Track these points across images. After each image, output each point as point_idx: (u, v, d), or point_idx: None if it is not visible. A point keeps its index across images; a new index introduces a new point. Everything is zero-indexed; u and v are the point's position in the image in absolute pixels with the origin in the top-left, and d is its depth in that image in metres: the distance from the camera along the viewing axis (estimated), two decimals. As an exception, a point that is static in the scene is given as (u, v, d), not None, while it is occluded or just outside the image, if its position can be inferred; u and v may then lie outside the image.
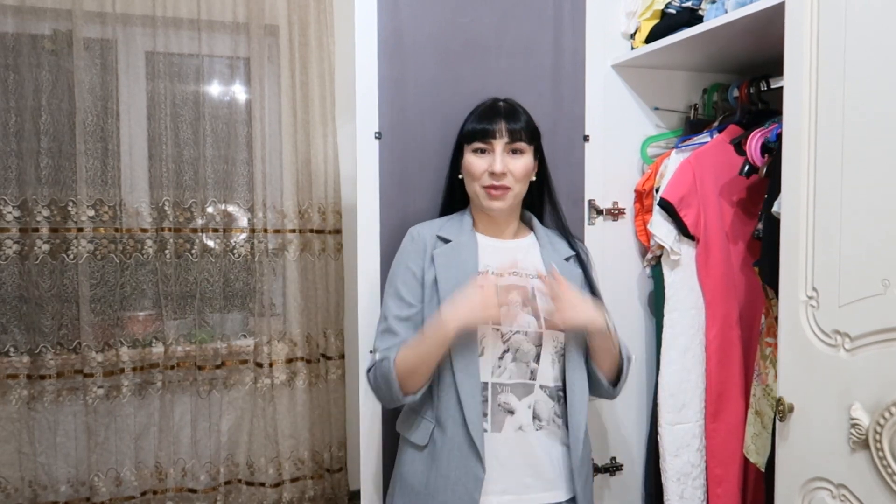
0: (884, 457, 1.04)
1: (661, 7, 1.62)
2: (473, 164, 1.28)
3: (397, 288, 1.28)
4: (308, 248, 2.28)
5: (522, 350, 1.24)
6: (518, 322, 1.25)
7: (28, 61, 2.02)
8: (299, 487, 2.32)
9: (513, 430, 1.23)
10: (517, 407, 1.24)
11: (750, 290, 1.60)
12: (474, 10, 1.53)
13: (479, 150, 1.28)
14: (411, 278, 1.27)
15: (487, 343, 1.22)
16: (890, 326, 1.02)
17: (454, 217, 1.36)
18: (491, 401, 1.23)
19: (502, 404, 1.23)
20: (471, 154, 1.29)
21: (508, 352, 1.24)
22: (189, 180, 2.20)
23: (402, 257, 1.31)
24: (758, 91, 1.62)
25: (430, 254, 1.28)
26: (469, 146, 1.29)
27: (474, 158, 1.28)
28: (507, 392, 1.24)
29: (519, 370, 1.24)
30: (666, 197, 1.55)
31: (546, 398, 1.26)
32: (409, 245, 1.31)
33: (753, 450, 1.49)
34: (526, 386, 1.24)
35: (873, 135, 1.05)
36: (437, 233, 1.31)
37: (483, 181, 1.27)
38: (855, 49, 1.07)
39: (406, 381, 1.19)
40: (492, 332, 1.23)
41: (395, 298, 1.27)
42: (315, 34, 2.22)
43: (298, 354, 2.28)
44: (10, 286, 2.04)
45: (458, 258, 1.27)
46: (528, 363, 1.24)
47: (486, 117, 1.29)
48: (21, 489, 2.07)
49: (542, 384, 1.26)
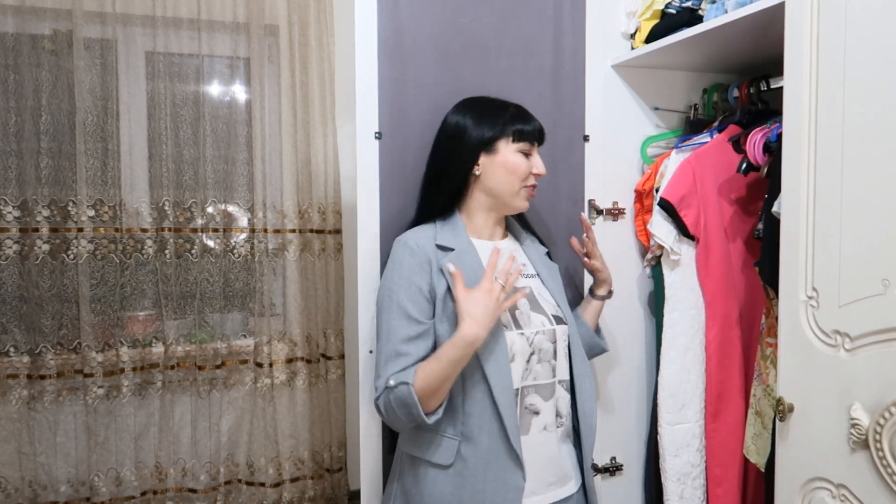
0: (884, 457, 1.04)
1: (661, 7, 1.62)
2: (521, 164, 1.28)
3: (404, 307, 1.19)
4: (308, 248, 2.28)
5: (544, 349, 1.26)
6: (533, 323, 1.26)
7: (28, 61, 2.02)
8: (299, 487, 2.32)
9: (538, 431, 1.24)
10: (543, 407, 1.24)
11: (750, 290, 1.60)
12: (474, 10, 1.53)
13: (524, 151, 1.29)
14: (418, 294, 1.20)
15: (517, 349, 1.22)
16: (890, 326, 1.02)
17: (444, 223, 1.30)
18: (519, 405, 1.22)
19: (529, 406, 1.24)
20: (516, 154, 1.28)
21: (535, 354, 1.24)
22: (189, 180, 2.20)
23: (403, 271, 1.21)
24: (758, 91, 1.62)
25: (436, 265, 1.22)
26: (514, 145, 1.28)
27: (521, 159, 1.28)
28: (533, 393, 1.24)
29: (544, 370, 1.25)
30: (666, 197, 1.55)
31: (564, 393, 1.29)
32: (408, 258, 1.22)
33: (754, 450, 1.49)
34: (550, 385, 1.26)
35: (873, 135, 1.05)
36: (436, 242, 1.25)
37: (528, 181, 1.30)
38: (855, 49, 1.07)
39: (428, 403, 1.14)
40: (518, 336, 1.22)
41: (402, 318, 1.19)
42: (315, 34, 2.22)
43: (298, 354, 2.28)
44: (10, 286, 2.04)
45: (469, 266, 1.23)
46: (550, 361, 1.26)
47: (526, 119, 1.30)
48: (21, 489, 2.07)
49: (560, 379, 1.28)
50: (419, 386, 1.13)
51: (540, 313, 1.29)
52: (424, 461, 1.22)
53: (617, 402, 1.76)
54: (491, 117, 1.29)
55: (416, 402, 1.12)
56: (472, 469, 1.18)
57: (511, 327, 1.23)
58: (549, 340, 1.27)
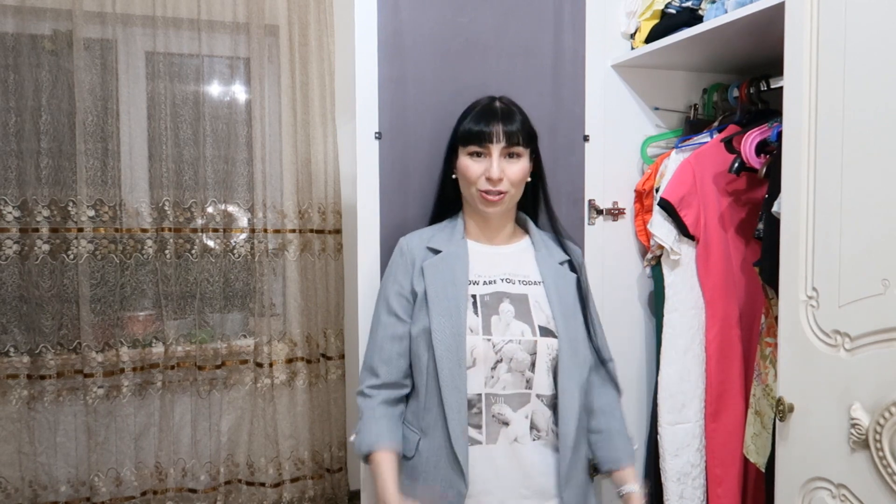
0: (884, 457, 1.04)
1: (661, 7, 1.62)
2: (469, 167, 1.23)
3: (390, 304, 1.26)
4: (308, 249, 2.28)
5: (517, 359, 1.20)
6: (510, 331, 1.21)
7: (28, 61, 2.02)
8: (299, 487, 2.32)
9: (507, 443, 1.20)
10: (512, 418, 1.20)
11: (750, 290, 1.60)
12: (474, 10, 1.53)
13: (475, 153, 1.23)
14: (399, 294, 1.25)
15: (478, 354, 1.18)
16: (890, 326, 1.02)
17: (446, 224, 1.32)
18: (485, 412, 1.19)
19: (496, 415, 1.20)
20: (466, 157, 1.24)
21: (502, 362, 1.19)
22: (189, 180, 2.20)
23: (392, 270, 1.29)
24: (758, 91, 1.62)
25: (418, 266, 1.25)
26: (465, 148, 1.24)
27: (470, 162, 1.23)
28: (501, 403, 1.20)
29: (514, 380, 1.20)
30: (666, 197, 1.55)
31: (543, 408, 1.22)
32: (397, 259, 1.29)
33: (753, 450, 1.49)
34: (522, 396, 1.21)
35: (873, 134, 1.05)
36: (428, 244, 1.27)
37: (479, 185, 1.23)
38: (855, 49, 1.07)
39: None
40: (482, 342, 1.19)
41: (388, 315, 1.26)
42: (315, 34, 2.22)
43: (298, 354, 2.28)
44: (10, 286, 2.04)
45: (449, 269, 1.23)
46: (524, 372, 1.20)
47: (482, 119, 1.23)
48: (21, 489, 2.07)
49: (538, 393, 1.21)
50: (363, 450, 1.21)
51: (524, 322, 1.22)
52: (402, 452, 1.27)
53: (617, 402, 1.76)
54: (460, 120, 1.29)
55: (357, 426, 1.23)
56: (425, 464, 1.20)
57: (478, 332, 1.19)
58: (527, 351, 1.19)
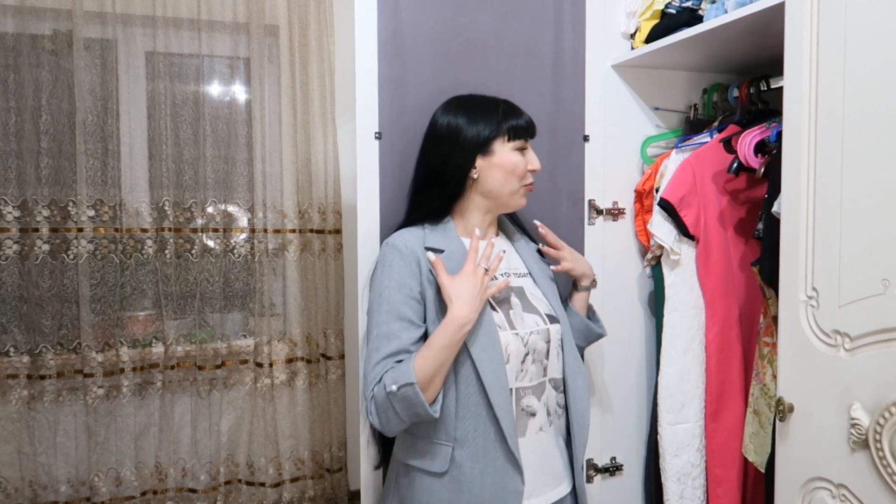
0: (884, 457, 1.04)
1: (661, 7, 1.62)
2: (519, 163, 1.26)
3: (399, 310, 1.17)
4: (308, 248, 2.28)
5: (538, 349, 1.24)
6: (527, 323, 1.25)
7: (28, 61, 2.02)
8: (299, 487, 2.32)
9: (534, 433, 1.22)
10: (537, 408, 1.23)
11: (750, 290, 1.60)
12: (474, 10, 1.53)
13: (520, 148, 1.27)
14: (411, 299, 1.18)
15: (512, 350, 1.20)
16: (890, 326, 1.02)
17: (435, 227, 1.28)
18: (515, 406, 1.21)
19: (525, 408, 1.22)
20: (514, 152, 1.26)
21: (529, 354, 1.22)
22: (189, 180, 2.20)
23: (394, 273, 1.19)
24: (758, 91, 1.62)
25: (426, 267, 1.20)
26: (511, 143, 1.25)
27: (518, 157, 1.26)
28: (529, 394, 1.22)
29: (536, 370, 1.24)
30: (666, 197, 1.55)
31: (552, 391, 1.26)
32: (397, 261, 1.20)
33: (752, 449, 1.49)
34: (541, 384, 1.25)
35: (873, 135, 1.05)
36: (426, 244, 1.23)
37: (526, 179, 1.28)
38: (855, 49, 1.07)
39: (425, 395, 1.10)
40: (513, 337, 1.21)
41: (398, 321, 1.16)
42: (315, 34, 2.22)
43: (298, 354, 2.28)
44: (10, 286, 2.04)
45: (458, 265, 1.22)
46: (542, 361, 1.24)
47: (516, 114, 1.27)
48: (21, 489, 2.07)
49: (551, 378, 1.26)
50: (418, 378, 1.10)
51: (533, 313, 1.27)
52: (419, 469, 1.20)
53: (617, 401, 1.76)
54: (483, 117, 1.25)
55: (423, 401, 1.09)
56: (469, 475, 1.16)
57: (506, 328, 1.21)
58: (544, 340, 1.25)
